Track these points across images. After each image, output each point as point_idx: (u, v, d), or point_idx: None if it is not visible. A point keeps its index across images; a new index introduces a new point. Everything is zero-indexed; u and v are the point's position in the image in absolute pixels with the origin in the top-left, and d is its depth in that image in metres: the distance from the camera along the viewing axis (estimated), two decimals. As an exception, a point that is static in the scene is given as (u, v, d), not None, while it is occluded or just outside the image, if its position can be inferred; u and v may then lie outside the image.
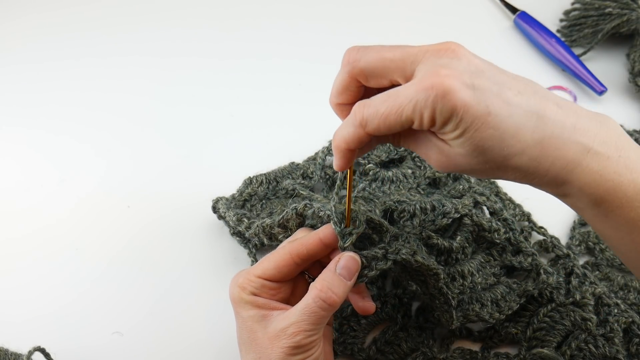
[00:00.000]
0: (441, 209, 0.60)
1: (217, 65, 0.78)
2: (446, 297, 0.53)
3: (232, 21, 0.83)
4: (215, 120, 0.73)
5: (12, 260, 0.63)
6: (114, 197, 0.67)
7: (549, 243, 0.64)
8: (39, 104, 0.74)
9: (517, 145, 0.40)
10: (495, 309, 0.56)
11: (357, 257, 0.47)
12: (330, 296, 0.46)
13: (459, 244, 0.60)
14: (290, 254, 0.48)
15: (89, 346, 0.58)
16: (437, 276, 0.51)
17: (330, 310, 0.46)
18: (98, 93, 0.76)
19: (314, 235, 0.49)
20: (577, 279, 0.61)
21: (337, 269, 0.47)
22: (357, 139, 0.43)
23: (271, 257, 0.49)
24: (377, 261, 0.48)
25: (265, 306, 0.48)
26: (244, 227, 0.60)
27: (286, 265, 0.48)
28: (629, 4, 0.79)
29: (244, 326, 0.48)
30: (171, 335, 0.59)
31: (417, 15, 0.85)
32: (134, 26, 0.82)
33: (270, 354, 0.46)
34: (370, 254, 0.48)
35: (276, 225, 0.55)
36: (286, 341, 0.45)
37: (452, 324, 0.55)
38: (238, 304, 0.48)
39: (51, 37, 0.81)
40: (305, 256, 0.48)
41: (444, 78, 0.39)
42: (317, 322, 0.46)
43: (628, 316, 0.59)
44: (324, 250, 0.49)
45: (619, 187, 0.42)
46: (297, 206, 0.52)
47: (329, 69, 0.78)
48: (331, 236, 0.48)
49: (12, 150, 0.71)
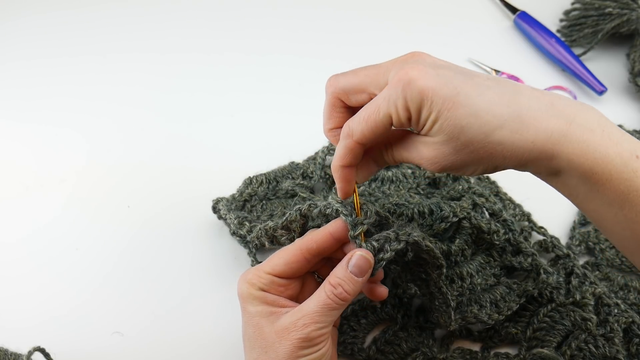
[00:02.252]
0: (439, 213, 0.60)
1: (218, 65, 0.78)
2: (445, 297, 0.53)
3: (233, 21, 0.83)
4: (215, 120, 0.73)
5: (12, 260, 0.63)
6: (114, 197, 0.67)
7: (549, 243, 0.64)
8: (38, 104, 0.74)
9: (494, 120, 0.41)
10: (494, 310, 0.56)
11: (369, 256, 0.47)
12: (341, 292, 0.46)
13: (458, 246, 0.60)
14: (300, 249, 0.49)
15: (89, 346, 0.58)
16: (440, 269, 0.51)
17: (342, 306, 0.47)
18: (98, 93, 0.76)
19: (323, 229, 0.49)
20: (577, 279, 0.61)
21: (349, 267, 0.47)
22: (348, 151, 0.46)
23: (281, 254, 0.49)
24: (390, 242, 0.48)
25: (274, 303, 0.48)
26: (246, 230, 0.60)
27: (296, 261, 0.49)
28: (629, 4, 0.79)
29: (251, 322, 0.48)
30: (171, 335, 0.59)
31: (417, 15, 0.85)
32: (135, 26, 0.82)
33: (278, 347, 0.46)
34: (382, 235, 0.48)
35: (279, 228, 0.55)
36: (296, 333, 0.46)
37: (450, 325, 0.55)
38: (246, 300, 0.49)
39: (51, 36, 0.81)
40: (315, 251, 0.49)
41: (408, 70, 0.42)
42: (329, 315, 0.46)
43: (628, 316, 0.59)
44: (334, 244, 0.49)
45: (606, 158, 0.42)
46: (301, 207, 0.52)
47: (330, 69, 0.78)
48: (341, 229, 0.49)
49: (12, 150, 0.71)
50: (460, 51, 0.81)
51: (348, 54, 0.79)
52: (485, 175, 0.68)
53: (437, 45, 0.81)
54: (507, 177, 0.69)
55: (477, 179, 0.68)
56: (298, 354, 0.46)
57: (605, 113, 0.45)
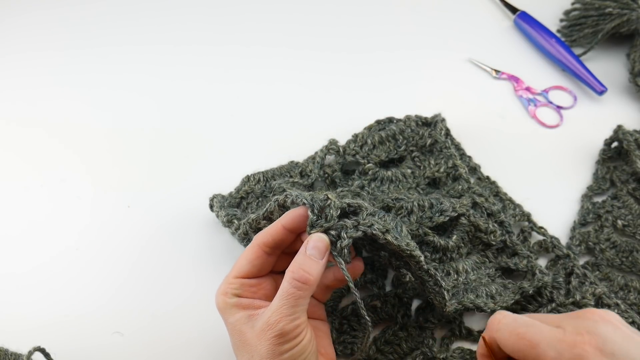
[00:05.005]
0: (439, 206, 0.60)
1: (218, 65, 0.78)
2: (434, 278, 0.53)
3: (233, 20, 0.83)
4: (215, 119, 0.73)
5: (12, 260, 0.63)
6: (113, 196, 0.67)
7: (549, 243, 0.64)
8: (38, 103, 0.74)
9: None
10: (490, 301, 0.57)
11: (324, 236, 0.48)
12: (302, 275, 0.47)
13: (455, 242, 0.60)
14: (258, 245, 0.50)
15: (89, 346, 0.58)
16: (415, 259, 0.51)
17: (306, 290, 0.47)
18: (98, 92, 0.76)
19: (276, 222, 0.50)
20: (577, 279, 0.61)
21: (307, 251, 0.48)
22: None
23: (243, 255, 0.50)
24: (346, 230, 0.48)
25: (250, 306, 0.49)
26: (234, 228, 0.60)
27: (257, 257, 0.50)
28: (629, 4, 0.79)
29: (234, 331, 0.49)
30: (172, 334, 0.59)
31: (417, 17, 0.85)
32: (135, 28, 0.82)
33: (261, 349, 0.46)
34: (338, 225, 0.49)
35: (261, 219, 0.55)
36: (271, 332, 0.46)
37: (446, 307, 0.54)
38: (224, 311, 0.49)
39: (51, 36, 0.81)
40: (272, 244, 0.50)
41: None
42: (295, 304, 0.47)
43: (628, 316, 0.59)
44: (289, 236, 0.50)
45: None
46: (278, 198, 0.53)
47: (330, 68, 0.79)
48: (292, 221, 0.49)
49: (11, 150, 0.71)
50: (460, 51, 0.81)
51: (348, 57, 0.79)
52: (486, 175, 0.68)
53: (437, 45, 0.81)
54: (508, 177, 0.69)
55: (477, 178, 0.68)
56: (279, 350, 0.46)
57: (605, 113, 0.45)
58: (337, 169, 0.66)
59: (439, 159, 0.67)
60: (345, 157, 0.67)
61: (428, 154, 0.68)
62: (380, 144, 0.67)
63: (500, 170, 0.69)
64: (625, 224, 0.65)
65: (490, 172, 0.69)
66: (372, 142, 0.67)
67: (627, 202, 0.66)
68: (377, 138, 0.67)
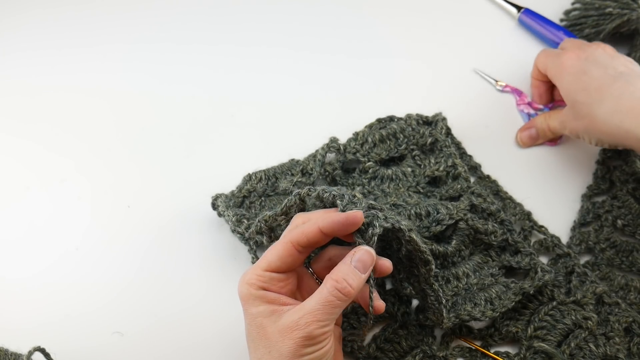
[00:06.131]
0: (435, 215, 0.60)
1: (218, 65, 0.78)
2: (436, 294, 0.53)
3: (233, 19, 0.83)
4: (215, 119, 0.73)
5: (12, 260, 0.63)
6: (114, 196, 0.67)
7: (550, 242, 0.64)
8: (37, 103, 0.74)
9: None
10: (488, 307, 0.57)
11: (371, 251, 0.48)
12: (345, 287, 0.46)
13: (454, 248, 0.60)
14: (291, 242, 0.49)
15: (89, 346, 0.58)
16: (428, 264, 0.51)
17: (345, 301, 0.47)
18: (97, 92, 0.75)
19: (313, 224, 0.49)
20: (578, 278, 0.61)
21: (352, 262, 0.47)
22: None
23: (273, 250, 0.50)
24: (378, 219, 0.48)
25: (275, 301, 0.48)
26: (244, 227, 0.60)
27: (289, 255, 0.49)
28: (629, 3, 0.78)
29: (253, 323, 0.48)
30: (172, 334, 0.59)
31: (418, 18, 0.84)
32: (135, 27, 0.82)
33: (282, 347, 0.46)
34: (371, 212, 0.49)
35: (279, 215, 0.55)
36: (299, 332, 0.46)
37: (443, 323, 0.55)
38: (247, 301, 0.49)
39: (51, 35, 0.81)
40: (306, 244, 0.49)
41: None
42: (331, 312, 0.47)
43: (629, 315, 0.59)
44: (324, 239, 0.49)
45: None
46: (300, 191, 0.53)
47: (330, 68, 0.78)
48: (331, 227, 0.49)
49: (11, 150, 0.71)
50: (465, 56, 0.79)
51: (348, 60, 0.79)
52: (486, 174, 0.68)
53: (440, 49, 0.81)
54: (508, 176, 0.69)
55: (477, 177, 0.68)
56: (301, 352, 0.46)
57: (604, 110, 0.45)
58: (338, 167, 0.66)
59: (439, 157, 0.67)
60: (345, 155, 0.67)
61: (428, 153, 0.68)
62: (381, 142, 0.67)
63: (500, 169, 0.69)
64: (625, 223, 0.65)
65: (490, 171, 0.69)
66: (373, 141, 0.67)
67: (627, 202, 0.66)
68: (378, 136, 0.67)
